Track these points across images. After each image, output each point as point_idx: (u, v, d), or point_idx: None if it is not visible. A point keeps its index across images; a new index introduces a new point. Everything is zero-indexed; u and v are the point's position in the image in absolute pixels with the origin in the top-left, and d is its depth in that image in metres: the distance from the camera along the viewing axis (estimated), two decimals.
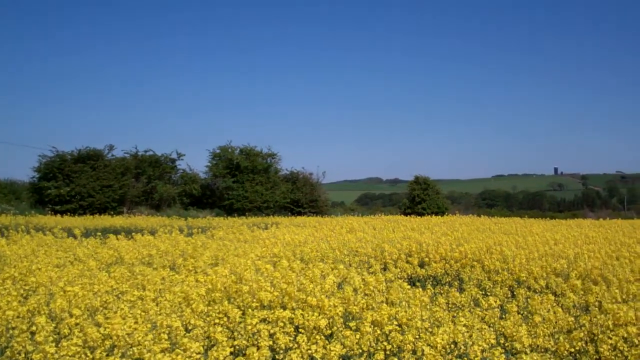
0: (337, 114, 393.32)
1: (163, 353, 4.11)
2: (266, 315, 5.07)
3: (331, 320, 5.08)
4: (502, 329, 5.16)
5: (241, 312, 5.24)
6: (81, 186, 36.60)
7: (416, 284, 8.69)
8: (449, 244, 10.84)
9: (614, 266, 8.26)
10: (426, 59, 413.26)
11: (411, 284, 7.60)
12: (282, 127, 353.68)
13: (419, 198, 43.73)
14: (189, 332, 4.78)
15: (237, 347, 4.70)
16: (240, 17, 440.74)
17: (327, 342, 4.50)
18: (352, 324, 4.90)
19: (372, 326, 4.80)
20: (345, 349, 4.54)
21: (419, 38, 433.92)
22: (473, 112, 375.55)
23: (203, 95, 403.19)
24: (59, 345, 4.17)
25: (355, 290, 6.02)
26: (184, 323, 4.95)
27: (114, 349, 4.36)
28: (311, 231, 15.83)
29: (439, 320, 5.32)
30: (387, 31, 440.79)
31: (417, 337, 4.68)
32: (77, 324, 4.88)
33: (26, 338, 4.57)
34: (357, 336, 4.65)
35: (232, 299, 5.90)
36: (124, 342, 4.36)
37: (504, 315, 5.64)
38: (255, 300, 5.76)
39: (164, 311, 5.27)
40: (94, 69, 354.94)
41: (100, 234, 14.08)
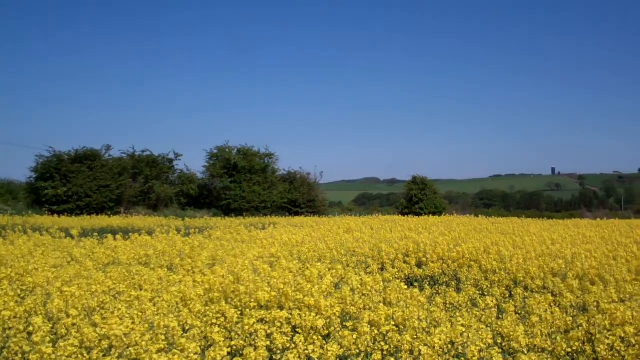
0: (336, 114, 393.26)
1: (160, 353, 4.10)
2: (263, 316, 5.07)
3: (328, 320, 5.08)
4: (500, 329, 5.17)
5: (239, 313, 5.23)
6: (78, 186, 36.50)
7: (414, 284, 8.70)
8: (447, 244, 10.85)
9: (611, 266, 8.28)
10: (426, 59, 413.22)
11: (409, 284, 7.61)
12: (281, 127, 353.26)
13: (416, 198, 43.73)
14: (186, 333, 4.78)
15: (235, 348, 4.70)
16: (240, 17, 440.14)
17: (325, 343, 4.50)
18: (349, 324, 4.90)
19: (369, 326, 4.79)
20: (342, 349, 4.55)
21: (419, 38, 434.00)
22: (471, 112, 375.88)
23: (202, 95, 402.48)
24: (56, 346, 4.16)
25: (352, 290, 6.02)
26: (181, 323, 4.94)
27: (111, 350, 4.35)
28: (309, 231, 15.83)
29: (437, 320, 5.33)
30: (387, 31, 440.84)
31: (415, 337, 4.68)
32: (74, 325, 4.88)
33: (23, 338, 4.55)
34: (355, 336, 4.65)
35: (230, 299, 5.91)
36: (121, 343, 4.35)
37: (501, 315, 5.65)
38: (252, 300, 5.76)
39: (161, 311, 5.26)
40: (94, 69, 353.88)
41: (97, 234, 14.05)
